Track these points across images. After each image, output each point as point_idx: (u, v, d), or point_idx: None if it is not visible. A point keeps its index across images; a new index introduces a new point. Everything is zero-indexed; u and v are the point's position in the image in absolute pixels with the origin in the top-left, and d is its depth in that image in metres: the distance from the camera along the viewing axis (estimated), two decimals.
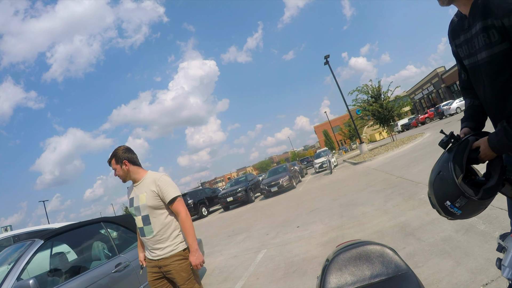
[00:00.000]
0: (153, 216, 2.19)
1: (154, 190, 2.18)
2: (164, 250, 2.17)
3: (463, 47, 1.22)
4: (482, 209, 1.09)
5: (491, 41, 1.03)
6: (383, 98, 18.02)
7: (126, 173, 2.27)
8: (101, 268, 2.83)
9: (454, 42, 1.29)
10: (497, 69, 1.07)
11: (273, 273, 3.78)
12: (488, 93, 1.15)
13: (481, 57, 1.11)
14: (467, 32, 1.16)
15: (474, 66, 1.17)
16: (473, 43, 1.13)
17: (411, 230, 3.39)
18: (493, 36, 1.02)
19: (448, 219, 1.13)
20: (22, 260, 2.41)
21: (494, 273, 2.10)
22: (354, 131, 35.76)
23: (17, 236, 5.05)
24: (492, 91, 1.12)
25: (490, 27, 1.01)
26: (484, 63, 1.10)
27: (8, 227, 20.26)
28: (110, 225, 3.45)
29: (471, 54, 1.17)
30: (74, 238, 3.26)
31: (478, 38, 1.08)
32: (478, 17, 1.06)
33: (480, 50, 1.10)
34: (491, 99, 1.15)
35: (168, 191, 2.18)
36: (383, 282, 1.04)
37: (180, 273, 2.15)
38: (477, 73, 1.18)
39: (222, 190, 17.66)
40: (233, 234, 7.39)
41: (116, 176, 2.29)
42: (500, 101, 1.11)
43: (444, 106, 27.09)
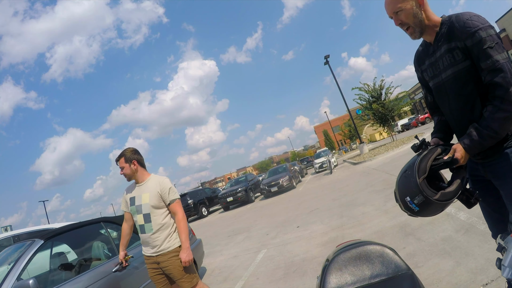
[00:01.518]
0: (154, 214, 2.38)
1: (158, 191, 2.40)
2: (162, 246, 2.36)
3: (428, 70, 1.41)
4: (439, 211, 1.21)
5: (455, 60, 1.24)
6: (384, 98, 18.01)
7: (133, 173, 2.45)
8: (102, 267, 2.82)
9: (420, 68, 1.49)
10: (461, 83, 1.25)
11: (273, 273, 3.78)
12: (454, 105, 1.32)
13: (445, 75, 1.30)
14: (432, 57, 1.37)
15: (439, 84, 1.36)
16: (438, 64, 1.33)
17: (411, 230, 3.39)
18: (457, 55, 1.23)
19: (407, 214, 1.24)
20: (22, 260, 2.41)
21: (494, 273, 2.10)
22: (354, 131, 35.74)
23: (17, 236, 5.05)
24: (458, 103, 1.29)
25: (454, 49, 1.23)
26: (450, 79, 1.29)
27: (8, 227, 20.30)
28: (110, 225, 3.45)
29: (436, 75, 1.37)
30: (74, 238, 3.26)
31: (443, 59, 1.29)
32: (443, 42, 1.28)
33: (445, 69, 1.29)
34: (458, 111, 1.31)
35: (170, 193, 2.42)
36: (383, 282, 1.04)
37: (177, 268, 2.34)
38: (442, 91, 1.36)
39: (222, 190, 17.65)
40: (233, 234, 7.39)
41: (122, 174, 2.46)
42: (467, 110, 1.27)
43: None
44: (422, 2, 1.30)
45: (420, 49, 1.49)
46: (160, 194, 2.39)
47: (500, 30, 26.39)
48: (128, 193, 2.52)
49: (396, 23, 1.35)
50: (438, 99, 1.42)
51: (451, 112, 1.36)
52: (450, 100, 1.33)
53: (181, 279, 2.35)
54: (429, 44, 1.38)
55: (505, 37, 25.94)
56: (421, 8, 1.30)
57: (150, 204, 2.38)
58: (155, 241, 2.36)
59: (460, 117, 1.32)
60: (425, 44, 1.43)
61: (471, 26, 1.17)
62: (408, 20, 1.31)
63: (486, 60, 1.15)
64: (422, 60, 1.45)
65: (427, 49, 1.40)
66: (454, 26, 1.22)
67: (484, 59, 1.15)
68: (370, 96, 18.28)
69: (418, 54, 1.49)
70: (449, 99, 1.33)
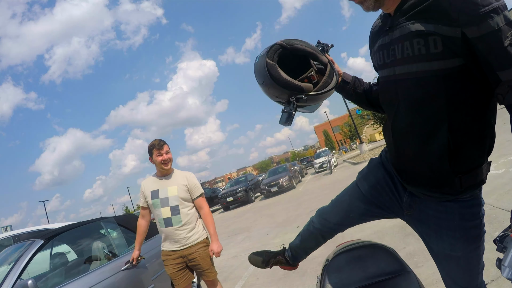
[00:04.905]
0: (182, 207, 2.43)
1: (186, 185, 2.47)
2: (191, 238, 2.41)
3: (378, 55, 0.93)
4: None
5: (428, 51, 0.75)
6: None
7: (172, 162, 2.52)
8: (111, 265, 2.77)
9: (371, 49, 1.03)
10: (427, 92, 0.79)
11: (273, 273, 3.78)
12: (402, 122, 0.86)
13: (402, 70, 0.82)
14: (386, 35, 0.89)
15: (388, 80, 0.89)
16: (393, 50, 0.84)
17: (411, 230, 3.34)
18: (433, 46, 0.74)
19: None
20: (22, 260, 2.40)
21: (494, 273, 2.09)
22: (354, 131, 35.76)
23: (17, 236, 5.05)
24: (412, 120, 0.84)
25: (431, 34, 0.74)
26: (408, 79, 0.81)
27: (8, 227, 20.31)
28: (111, 225, 3.44)
29: (386, 64, 0.89)
30: (74, 238, 3.26)
31: (405, 44, 0.80)
32: (412, 16, 0.79)
33: (404, 62, 0.81)
34: (406, 134, 0.87)
35: (197, 188, 2.51)
36: (383, 282, 1.04)
37: (205, 258, 2.41)
38: (390, 91, 0.88)
39: (222, 190, 17.65)
40: (233, 234, 7.39)
41: (167, 158, 2.44)
42: (422, 137, 0.83)
43: None
44: None
45: (376, 23, 1.02)
46: (188, 187, 2.46)
47: None
48: (149, 186, 2.48)
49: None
50: (383, 101, 0.97)
51: (394, 130, 0.91)
52: (399, 111, 0.87)
53: (209, 269, 2.42)
54: (387, 15, 0.91)
55: None
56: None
57: (180, 196, 2.42)
58: (183, 233, 2.40)
59: (406, 144, 0.88)
60: (383, 16, 0.96)
61: (480, 4, 0.67)
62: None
63: (509, 66, 0.68)
64: (375, 39, 0.99)
65: (384, 23, 0.93)
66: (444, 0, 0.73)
67: (506, 63, 0.68)
68: None
69: (372, 30, 1.03)
70: (399, 109, 0.87)
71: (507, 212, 3.02)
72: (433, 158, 0.83)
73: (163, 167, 2.43)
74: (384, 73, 0.92)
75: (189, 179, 2.51)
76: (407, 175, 0.95)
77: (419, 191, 0.94)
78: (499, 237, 0.91)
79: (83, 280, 2.53)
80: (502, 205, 3.22)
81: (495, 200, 3.43)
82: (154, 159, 2.43)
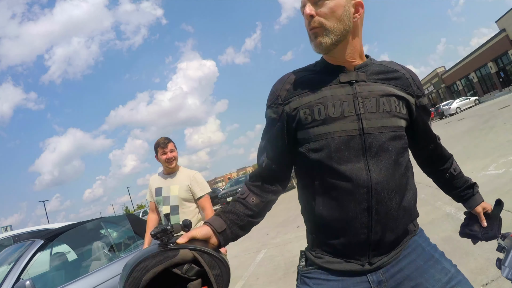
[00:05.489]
0: (182, 207, 2.41)
1: (188, 185, 2.41)
2: None
3: (333, 105, 0.82)
4: None
5: (400, 111, 0.86)
6: None
7: (177, 160, 2.49)
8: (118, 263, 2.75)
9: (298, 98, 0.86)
10: (401, 146, 0.85)
11: (273, 273, 3.78)
12: (381, 175, 0.80)
13: (379, 124, 0.82)
14: (343, 88, 0.84)
15: (352, 134, 0.81)
16: (362, 102, 0.82)
17: None
18: (402, 108, 0.87)
19: None
20: (22, 260, 2.40)
21: (494, 273, 2.10)
22: None
23: (17, 236, 5.05)
24: (392, 172, 0.82)
25: (402, 98, 0.87)
26: (385, 132, 0.82)
27: (8, 227, 20.32)
28: (110, 225, 3.45)
29: (347, 116, 0.81)
30: (74, 238, 3.26)
31: (380, 99, 0.83)
32: (383, 80, 0.87)
33: (381, 116, 0.82)
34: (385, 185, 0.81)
35: (200, 188, 2.43)
36: None
37: None
38: (353, 145, 0.81)
39: (222, 190, 17.66)
40: None
41: (171, 156, 2.43)
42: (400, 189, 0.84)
43: (444, 106, 27.08)
44: (361, 9, 0.86)
45: (303, 74, 0.90)
46: (190, 187, 2.41)
47: (500, 30, 26.39)
48: (154, 183, 2.52)
49: (306, 12, 0.82)
50: (337, 161, 0.80)
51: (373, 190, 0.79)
52: (369, 164, 0.80)
53: None
54: (341, 68, 0.87)
55: (505, 37, 25.93)
56: (353, 16, 0.84)
57: (180, 197, 2.39)
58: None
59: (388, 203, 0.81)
60: (328, 67, 0.89)
61: (422, 86, 0.97)
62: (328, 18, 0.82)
63: (430, 120, 1.00)
64: (310, 87, 0.86)
65: (331, 75, 0.86)
66: (408, 76, 0.92)
67: (429, 123, 0.99)
68: None
69: (301, 80, 0.88)
70: (368, 164, 0.80)
71: (507, 212, 3.02)
72: (409, 209, 0.88)
73: (167, 166, 2.45)
74: (340, 127, 0.81)
75: (192, 178, 2.44)
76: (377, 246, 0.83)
77: (385, 259, 0.85)
78: (500, 237, 0.91)
79: (87, 280, 2.52)
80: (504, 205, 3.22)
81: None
82: (159, 158, 2.44)
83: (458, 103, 25.96)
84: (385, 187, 0.80)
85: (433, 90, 42.36)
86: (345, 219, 0.81)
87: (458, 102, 26.31)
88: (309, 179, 0.87)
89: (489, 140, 7.03)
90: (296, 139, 0.88)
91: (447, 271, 0.86)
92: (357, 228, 0.80)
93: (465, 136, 9.53)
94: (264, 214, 0.96)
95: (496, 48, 27.25)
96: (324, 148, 0.81)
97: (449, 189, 1.10)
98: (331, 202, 0.82)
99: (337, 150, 0.80)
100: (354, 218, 0.80)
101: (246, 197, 0.92)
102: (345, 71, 0.86)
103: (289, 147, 0.89)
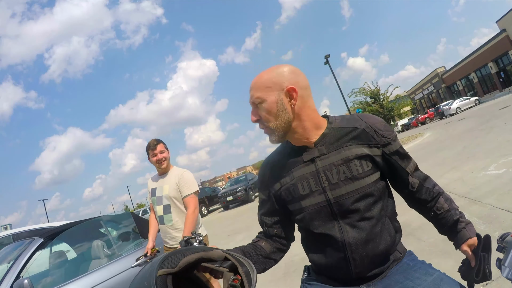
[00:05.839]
0: (174, 206, 2.46)
1: (177, 183, 2.46)
2: (180, 238, 2.41)
3: (299, 185, 0.96)
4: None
5: (363, 170, 0.92)
6: (382, 98, 18.03)
7: (169, 159, 2.54)
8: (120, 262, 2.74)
9: (277, 182, 1.02)
10: (369, 201, 0.93)
11: (273, 273, 3.78)
12: (353, 232, 0.92)
13: (342, 191, 0.92)
14: (307, 166, 0.96)
15: (320, 206, 0.94)
16: (325, 176, 0.93)
17: (411, 230, 3.38)
18: (366, 165, 0.93)
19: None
20: (22, 259, 2.40)
21: (494, 273, 2.09)
22: None
23: (17, 235, 5.05)
24: (362, 226, 0.92)
25: (363, 157, 0.93)
26: (349, 197, 0.92)
27: (8, 226, 20.32)
28: (110, 224, 3.45)
29: (315, 191, 0.94)
30: (73, 237, 3.26)
31: (340, 168, 0.92)
32: (342, 144, 0.95)
33: (347, 182, 0.92)
34: (359, 237, 0.91)
35: (186, 187, 2.45)
36: None
37: None
38: (323, 214, 0.94)
39: (222, 189, 17.66)
40: (233, 234, 7.40)
41: (162, 157, 2.48)
42: (374, 237, 0.92)
43: (444, 106, 27.10)
44: (295, 94, 0.92)
45: (274, 159, 1.06)
46: (178, 185, 2.46)
47: (501, 31, 26.38)
48: (151, 184, 2.62)
49: (251, 119, 0.97)
50: (314, 227, 0.96)
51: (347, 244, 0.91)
52: (342, 227, 0.93)
53: None
54: (303, 147, 0.98)
55: (506, 38, 25.93)
56: (289, 104, 0.93)
57: (170, 195, 2.45)
58: (173, 232, 2.45)
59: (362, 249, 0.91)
60: (292, 149, 1.01)
61: (391, 131, 0.99)
62: (268, 119, 0.94)
63: (409, 163, 1.00)
64: (284, 170, 1.00)
65: (296, 155, 0.99)
66: (368, 129, 0.95)
67: (408, 162, 1.00)
68: (369, 97, 18.31)
69: (273, 166, 1.04)
70: (340, 225, 0.93)
71: (507, 212, 3.02)
72: (386, 250, 0.96)
73: (159, 167, 2.52)
74: (311, 201, 0.96)
75: (180, 177, 2.48)
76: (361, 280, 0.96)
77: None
78: (499, 237, 0.91)
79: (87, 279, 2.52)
80: (502, 205, 3.22)
81: (495, 200, 3.42)
82: (151, 160, 2.51)
83: (458, 103, 25.98)
84: (357, 240, 0.91)
85: (433, 90, 42.33)
86: (330, 263, 0.97)
87: (458, 102, 26.34)
88: (303, 233, 1.07)
89: (489, 140, 7.03)
90: (288, 209, 1.04)
91: (432, 273, 0.93)
92: (341, 269, 0.95)
93: (465, 136, 9.53)
94: (273, 258, 1.07)
95: (496, 48, 27.26)
96: (303, 219, 0.99)
97: (437, 226, 1.07)
98: (318, 251, 1.00)
99: (312, 219, 0.97)
100: (336, 263, 0.95)
101: (256, 241, 1.09)
102: (306, 149, 0.98)
103: (284, 214, 1.06)
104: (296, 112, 0.94)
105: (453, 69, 36.30)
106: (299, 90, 0.93)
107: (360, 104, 18.94)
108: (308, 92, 0.97)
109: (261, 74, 0.96)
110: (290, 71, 0.95)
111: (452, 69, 36.49)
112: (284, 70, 0.95)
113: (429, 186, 1.02)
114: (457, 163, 6.09)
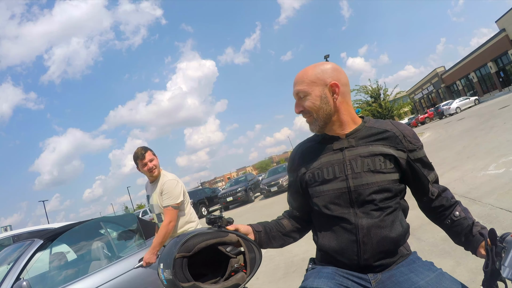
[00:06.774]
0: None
1: (160, 193, 2.41)
2: None
3: (325, 170, 1.05)
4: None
5: (386, 167, 1.00)
6: (383, 98, 18.03)
7: (158, 166, 2.48)
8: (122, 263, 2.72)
9: (304, 166, 1.11)
10: (386, 195, 1.00)
11: (273, 273, 3.78)
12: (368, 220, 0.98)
13: (364, 181, 0.99)
14: (335, 154, 1.05)
15: (342, 191, 1.01)
16: (350, 164, 1.01)
17: (411, 230, 3.34)
18: (389, 164, 1.01)
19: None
20: (22, 260, 2.40)
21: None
22: None
23: (17, 236, 5.04)
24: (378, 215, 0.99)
25: (388, 155, 1.01)
26: (369, 188, 0.99)
27: (8, 227, 20.34)
28: (110, 225, 3.44)
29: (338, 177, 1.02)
30: (74, 238, 3.25)
31: (366, 160, 1.00)
32: (371, 142, 1.03)
33: (368, 174, 1.00)
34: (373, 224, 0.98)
35: (165, 198, 2.37)
36: None
37: None
38: (343, 200, 1.02)
39: (222, 190, 17.67)
40: None
41: (152, 166, 2.43)
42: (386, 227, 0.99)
43: (444, 106, 27.12)
44: (337, 89, 1.02)
45: (308, 145, 1.15)
46: (160, 195, 2.42)
47: (500, 30, 26.41)
48: (147, 190, 2.62)
49: (295, 111, 1.08)
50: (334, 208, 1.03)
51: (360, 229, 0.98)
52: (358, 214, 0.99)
53: None
54: (335, 137, 1.07)
55: (505, 37, 25.95)
56: (332, 98, 1.03)
57: (158, 205, 2.42)
58: (169, 239, 2.42)
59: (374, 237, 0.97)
60: (324, 138, 1.10)
61: (418, 140, 1.07)
62: (311, 110, 1.04)
63: (431, 173, 1.07)
64: (312, 158, 1.09)
65: (327, 143, 1.08)
66: (398, 133, 1.03)
67: (430, 171, 1.07)
68: (370, 96, 18.31)
69: (304, 151, 1.14)
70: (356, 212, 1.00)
71: (507, 212, 3.02)
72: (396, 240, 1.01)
73: (150, 175, 2.50)
74: (332, 186, 1.03)
75: (162, 186, 2.40)
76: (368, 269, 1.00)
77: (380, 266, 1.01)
78: (499, 237, 0.91)
79: (87, 281, 2.51)
80: (502, 205, 3.23)
81: (495, 200, 3.43)
82: (141, 170, 2.48)
83: (458, 103, 26.00)
84: (370, 224, 0.97)
85: (433, 90, 42.35)
86: (339, 247, 1.01)
87: (458, 102, 26.35)
88: (316, 219, 1.12)
89: (489, 140, 7.04)
90: (308, 193, 1.10)
91: (435, 270, 0.97)
92: (350, 254, 0.99)
93: (465, 136, 9.54)
94: (293, 236, 1.19)
95: (496, 48, 27.28)
96: (321, 200, 1.05)
97: (453, 236, 1.09)
98: (330, 234, 1.04)
99: (330, 202, 1.03)
100: (346, 246, 1.00)
101: (280, 219, 1.21)
102: (338, 139, 1.06)
103: (305, 198, 1.13)
104: (337, 106, 1.04)
105: (452, 69, 36.33)
106: (341, 86, 1.03)
107: (361, 104, 18.94)
108: (348, 89, 1.07)
109: (306, 69, 1.05)
110: (333, 69, 1.04)
111: (452, 69, 36.51)
112: (327, 67, 1.04)
113: (447, 196, 1.07)
114: (457, 163, 6.10)
